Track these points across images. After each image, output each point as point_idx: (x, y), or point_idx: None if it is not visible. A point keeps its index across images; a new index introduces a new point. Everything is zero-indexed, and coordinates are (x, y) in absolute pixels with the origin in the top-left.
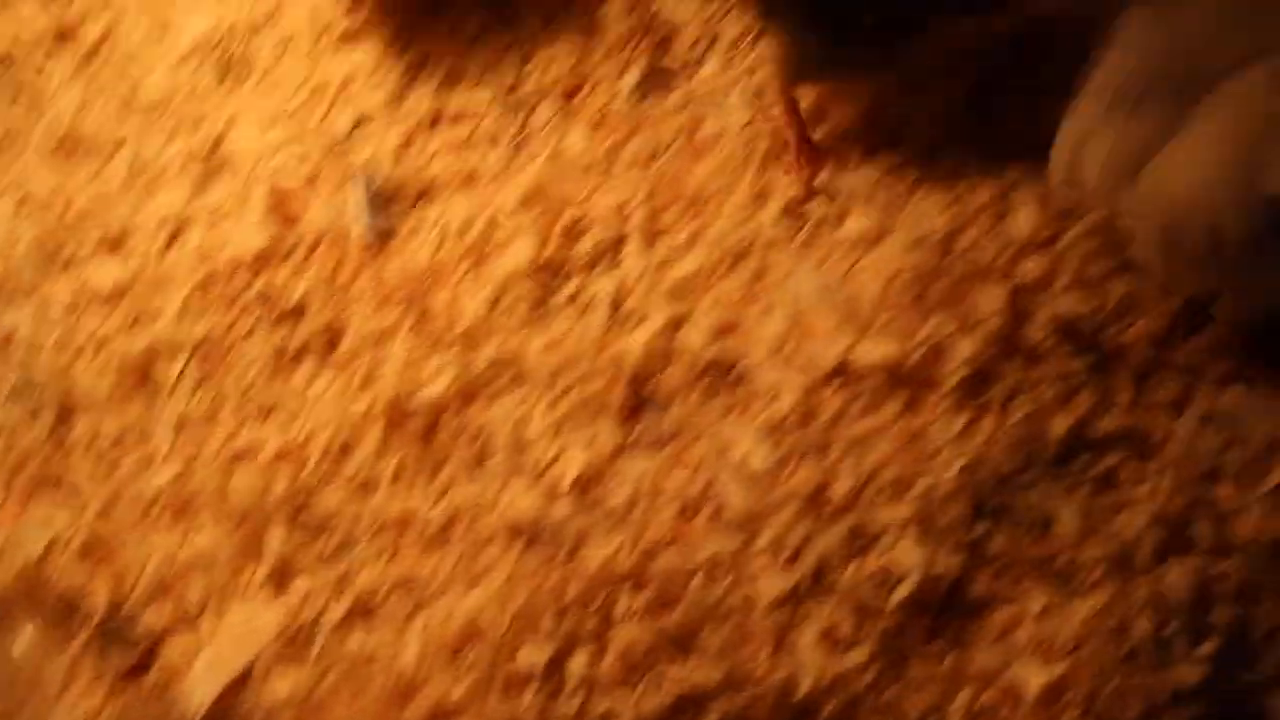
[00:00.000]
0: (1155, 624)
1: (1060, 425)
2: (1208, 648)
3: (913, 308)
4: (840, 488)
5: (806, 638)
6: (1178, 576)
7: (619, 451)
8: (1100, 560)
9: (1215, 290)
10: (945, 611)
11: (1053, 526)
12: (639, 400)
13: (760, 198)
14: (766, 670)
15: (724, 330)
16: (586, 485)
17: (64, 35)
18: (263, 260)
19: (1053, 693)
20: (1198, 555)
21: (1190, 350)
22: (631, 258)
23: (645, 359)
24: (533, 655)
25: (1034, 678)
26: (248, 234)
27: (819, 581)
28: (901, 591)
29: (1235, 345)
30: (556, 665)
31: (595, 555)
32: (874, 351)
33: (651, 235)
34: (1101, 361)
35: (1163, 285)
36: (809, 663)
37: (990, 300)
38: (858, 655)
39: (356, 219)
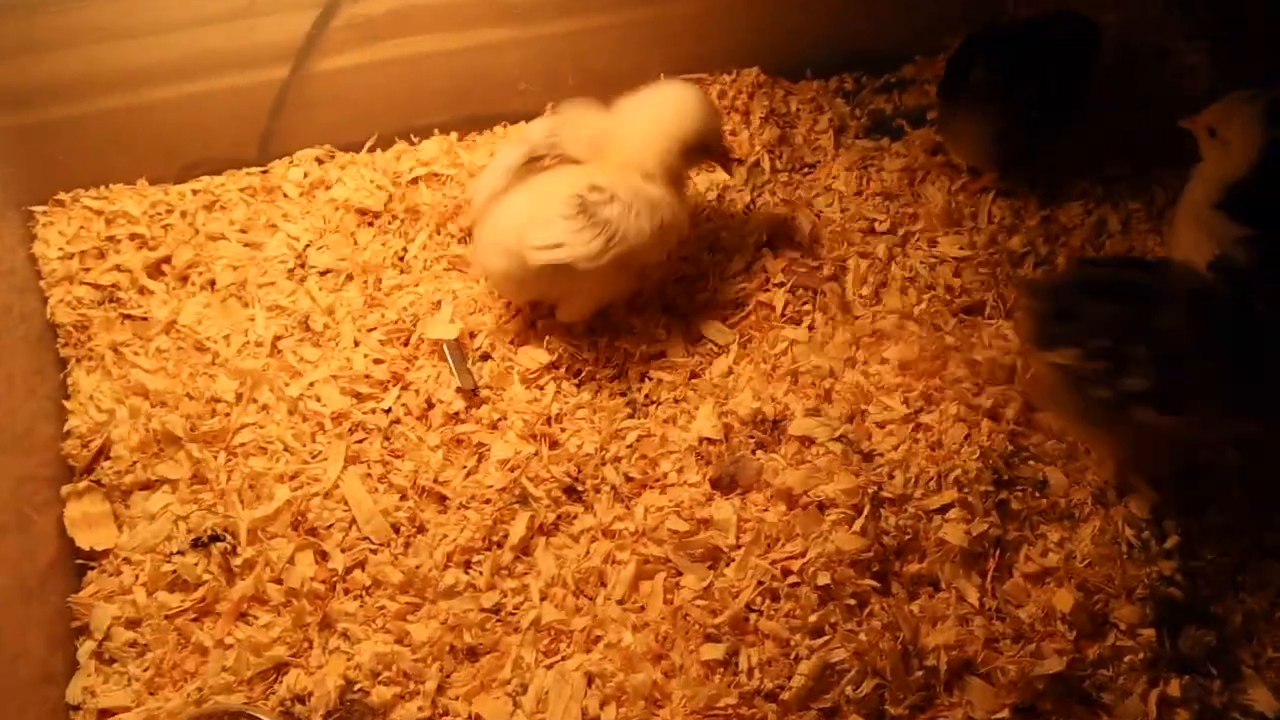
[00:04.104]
0: (1135, 533)
1: None
2: (1170, 543)
3: None
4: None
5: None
6: (1137, 504)
7: None
8: (1086, 500)
9: None
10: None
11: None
12: None
13: None
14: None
15: None
16: None
17: None
18: None
19: (1083, 590)
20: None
21: None
22: None
23: None
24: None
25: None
26: None
27: None
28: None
29: None
30: None
31: None
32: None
33: None
34: None
35: None
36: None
37: None
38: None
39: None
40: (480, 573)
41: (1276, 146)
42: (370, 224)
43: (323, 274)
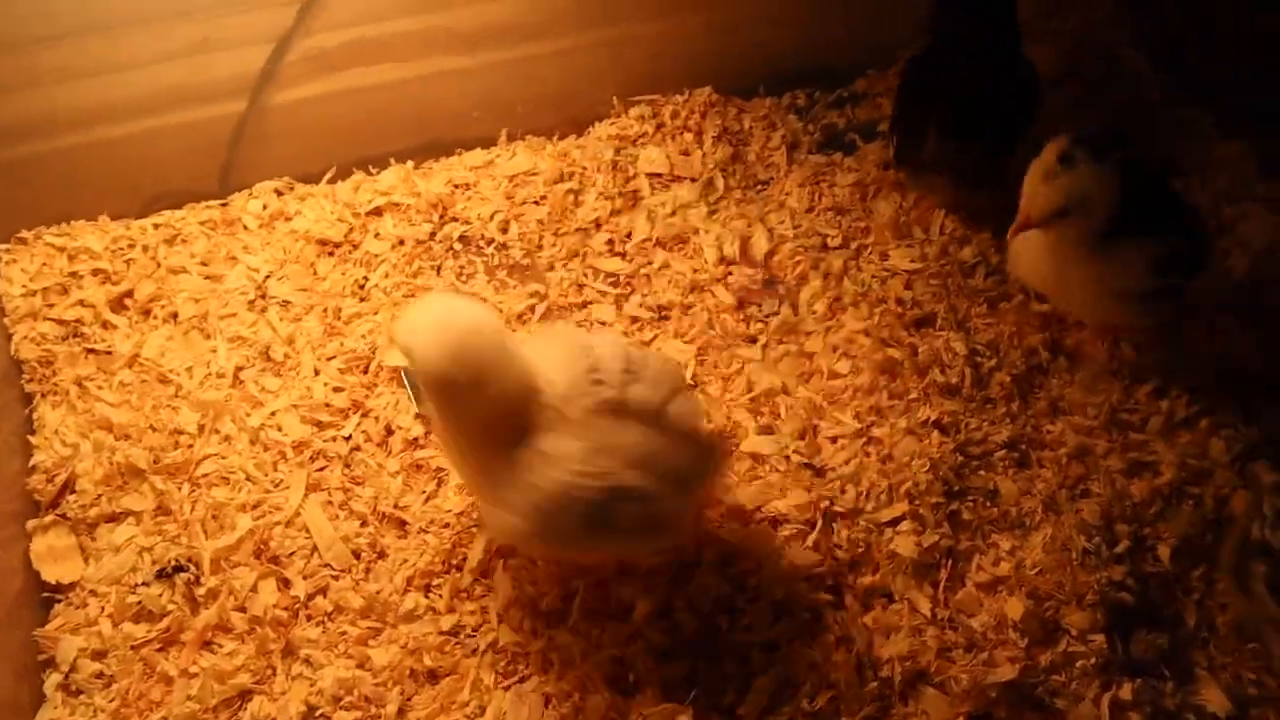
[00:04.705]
0: (1085, 539)
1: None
2: (1121, 548)
3: None
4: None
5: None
6: (1088, 510)
7: None
8: (1036, 508)
9: None
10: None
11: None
12: None
13: None
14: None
15: None
16: None
17: None
18: None
19: (1034, 598)
20: (1096, 497)
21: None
22: None
23: None
24: None
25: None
26: None
27: None
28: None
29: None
30: None
31: None
32: None
33: None
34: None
35: None
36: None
37: None
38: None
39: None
40: (440, 596)
41: (1127, 168)
42: (330, 254)
43: (283, 304)
